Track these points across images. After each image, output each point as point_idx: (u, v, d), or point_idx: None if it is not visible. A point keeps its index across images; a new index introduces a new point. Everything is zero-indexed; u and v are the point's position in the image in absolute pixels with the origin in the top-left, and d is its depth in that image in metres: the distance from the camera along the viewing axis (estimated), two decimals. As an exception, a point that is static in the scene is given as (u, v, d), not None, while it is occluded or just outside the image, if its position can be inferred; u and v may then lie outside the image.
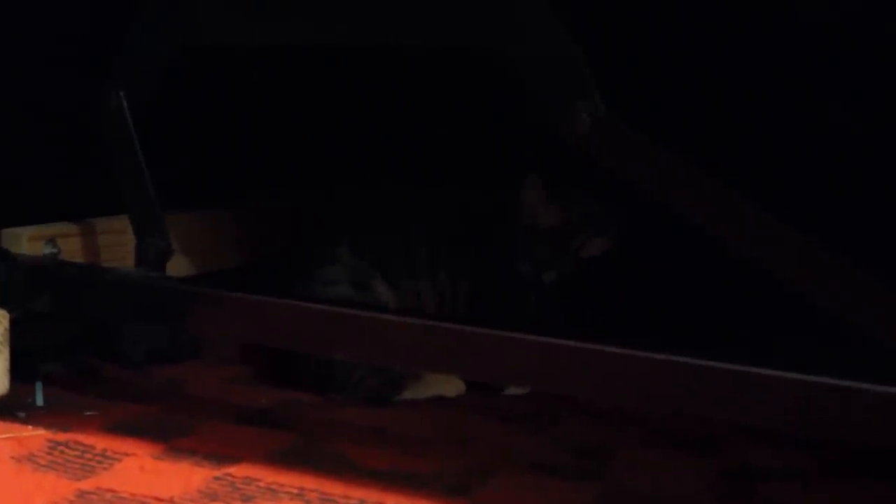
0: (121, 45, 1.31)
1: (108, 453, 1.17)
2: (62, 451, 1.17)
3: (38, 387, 1.35)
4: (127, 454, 1.17)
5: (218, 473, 1.11)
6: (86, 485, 1.08)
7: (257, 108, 1.71)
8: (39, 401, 1.34)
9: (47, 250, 1.36)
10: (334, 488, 1.08)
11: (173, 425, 1.26)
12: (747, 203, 0.98)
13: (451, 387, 1.43)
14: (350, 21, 1.17)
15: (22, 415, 1.29)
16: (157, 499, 1.05)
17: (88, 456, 1.16)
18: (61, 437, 1.21)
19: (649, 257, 1.56)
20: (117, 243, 1.40)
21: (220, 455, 1.16)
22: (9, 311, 1.28)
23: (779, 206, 0.97)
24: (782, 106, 1.49)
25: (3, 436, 1.21)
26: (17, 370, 1.29)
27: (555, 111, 1.04)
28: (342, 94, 1.80)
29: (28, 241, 1.36)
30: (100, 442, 1.20)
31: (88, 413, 1.30)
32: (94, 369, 1.49)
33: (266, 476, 1.11)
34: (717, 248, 0.99)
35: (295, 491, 1.07)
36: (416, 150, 1.81)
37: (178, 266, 1.40)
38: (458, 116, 1.79)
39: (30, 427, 1.24)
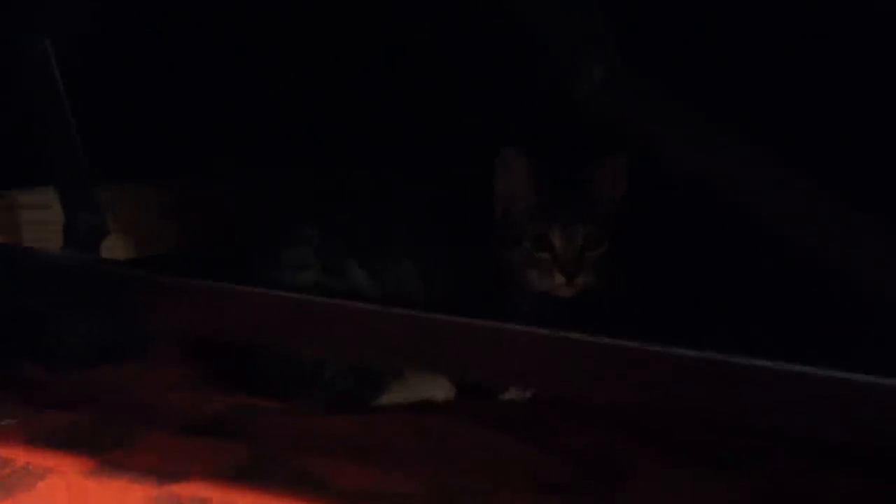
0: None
1: (31, 468, 1.11)
2: (-26, 468, 1.11)
3: (-52, 390, 1.29)
4: (51, 470, 1.11)
5: (159, 492, 1.05)
6: (1, 507, 1.01)
7: (211, 66, 1.66)
8: (-52, 407, 1.28)
9: (-41, 229, 1.31)
10: (299, 511, 1.02)
11: (108, 437, 1.21)
12: (786, 171, 0.92)
13: (438, 390, 1.36)
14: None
15: (-75, 423, 1.23)
16: (85, 525, 1.00)
17: (7, 472, 1.10)
18: (-27, 450, 1.16)
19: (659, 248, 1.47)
20: (41, 220, 1.36)
21: (163, 471, 1.10)
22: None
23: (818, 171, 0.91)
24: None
25: None
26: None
27: (565, 61, 0.98)
28: (311, 65, 1.76)
29: (-63, 218, 1.31)
30: (20, 456, 1.14)
31: (6, 422, 1.25)
32: (13, 370, 1.44)
33: (217, 495, 1.05)
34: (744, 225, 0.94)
35: (252, 513, 1.01)
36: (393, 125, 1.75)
37: (115, 247, 1.37)
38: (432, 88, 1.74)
39: (-66, 439, 1.19)
